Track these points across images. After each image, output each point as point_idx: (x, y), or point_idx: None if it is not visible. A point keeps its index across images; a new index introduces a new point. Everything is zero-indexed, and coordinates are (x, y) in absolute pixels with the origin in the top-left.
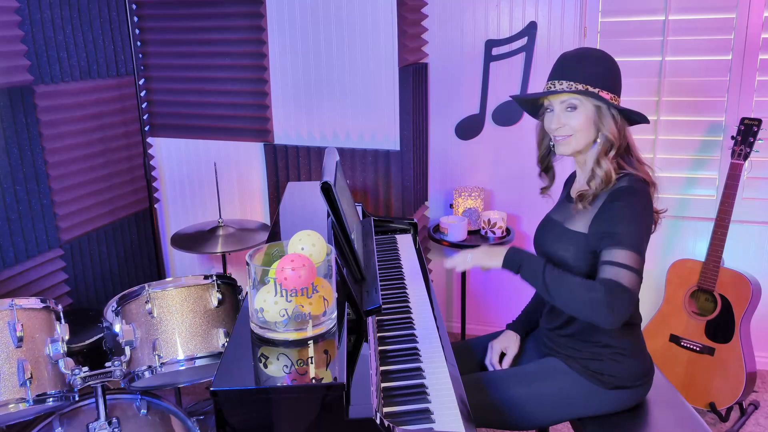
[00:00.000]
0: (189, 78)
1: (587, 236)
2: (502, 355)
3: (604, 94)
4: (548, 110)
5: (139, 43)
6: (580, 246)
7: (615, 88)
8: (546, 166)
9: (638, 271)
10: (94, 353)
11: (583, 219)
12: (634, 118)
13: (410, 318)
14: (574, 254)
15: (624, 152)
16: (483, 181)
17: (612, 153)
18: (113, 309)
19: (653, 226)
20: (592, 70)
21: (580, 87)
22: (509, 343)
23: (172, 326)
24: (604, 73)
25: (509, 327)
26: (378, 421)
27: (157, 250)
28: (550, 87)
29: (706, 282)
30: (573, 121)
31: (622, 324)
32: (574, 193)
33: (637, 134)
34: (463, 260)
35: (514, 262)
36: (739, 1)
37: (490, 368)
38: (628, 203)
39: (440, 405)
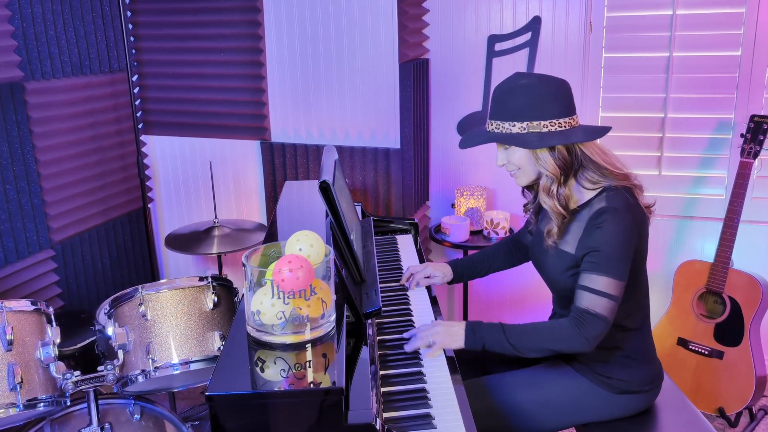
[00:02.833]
0: (184, 74)
1: (575, 257)
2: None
3: (535, 127)
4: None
5: (132, 39)
6: (569, 264)
7: (552, 112)
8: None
9: (616, 298)
10: (87, 357)
11: (572, 238)
12: (589, 134)
13: (411, 321)
14: (563, 272)
15: (583, 166)
16: (485, 180)
17: (554, 189)
18: (106, 311)
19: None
20: (518, 103)
21: (506, 125)
22: (440, 273)
23: (166, 329)
24: (533, 103)
25: (450, 263)
26: (378, 427)
27: (150, 251)
28: (488, 126)
29: (715, 284)
30: (512, 157)
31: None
32: None
33: (644, 132)
34: (424, 343)
35: (476, 341)
36: None
37: (404, 281)
38: (609, 227)
39: (442, 410)
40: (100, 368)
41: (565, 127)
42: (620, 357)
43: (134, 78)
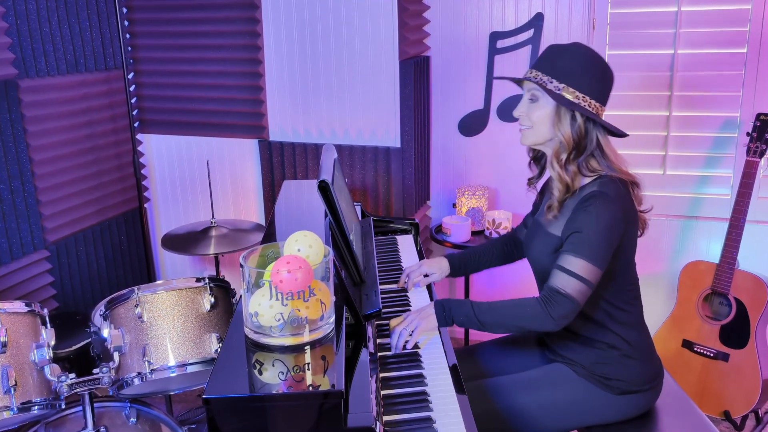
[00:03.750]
0: (180, 72)
1: (560, 239)
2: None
3: (569, 92)
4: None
5: (128, 36)
6: (554, 247)
7: (590, 89)
8: (536, 156)
9: (589, 282)
10: (82, 359)
11: (560, 222)
12: (609, 128)
13: None
14: (549, 255)
15: (593, 154)
16: (487, 180)
17: (563, 157)
18: (101, 313)
19: (641, 228)
20: (565, 64)
21: (544, 78)
22: (437, 270)
23: (162, 331)
24: (578, 71)
25: (447, 256)
26: (378, 430)
27: (147, 252)
28: (528, 73)
29: (720, 285)
30: (533, 113)
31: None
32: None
33: (649, 131)
34: (406, 334)
35: (446, 317)
36: None
37: (403, 281)
38: (595, 211)
39: (443, 413)
40: (95, 371)
41: (592, 109)
42: (617, 356)
43: (130, 76)
